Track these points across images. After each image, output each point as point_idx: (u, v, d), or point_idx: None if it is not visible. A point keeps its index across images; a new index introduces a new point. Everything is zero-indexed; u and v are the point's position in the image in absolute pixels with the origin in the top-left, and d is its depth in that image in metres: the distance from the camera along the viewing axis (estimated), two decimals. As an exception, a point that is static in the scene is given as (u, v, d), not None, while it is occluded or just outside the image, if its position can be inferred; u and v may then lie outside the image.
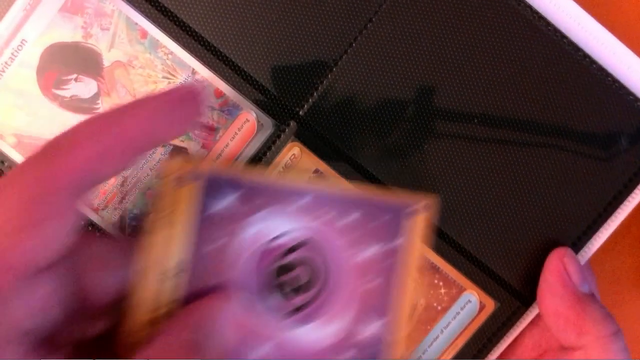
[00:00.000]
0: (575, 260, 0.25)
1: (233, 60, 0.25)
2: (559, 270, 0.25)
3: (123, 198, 0.26)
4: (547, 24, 0.25)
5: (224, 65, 0.25)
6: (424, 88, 0.25)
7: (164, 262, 0.23)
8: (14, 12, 0.25)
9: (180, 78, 0.25)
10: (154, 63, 0.25)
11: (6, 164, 0.26)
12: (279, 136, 0.26)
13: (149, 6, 0.25)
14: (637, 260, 0.29)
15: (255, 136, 0.26)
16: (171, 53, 0.25)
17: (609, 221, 0.26)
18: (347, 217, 0.24)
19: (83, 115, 0.26)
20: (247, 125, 0.26)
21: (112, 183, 0.26)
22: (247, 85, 0.25)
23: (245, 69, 0.25)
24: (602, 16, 0.25)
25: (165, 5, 0.25)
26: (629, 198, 0.26)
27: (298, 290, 0.24)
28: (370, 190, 0.25)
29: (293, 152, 0.26)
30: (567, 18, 0.25)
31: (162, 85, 0.26)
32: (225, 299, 0.23)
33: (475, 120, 0.25)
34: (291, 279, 0.24)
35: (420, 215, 0.24)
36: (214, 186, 0.24)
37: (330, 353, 0.24)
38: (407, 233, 0.24)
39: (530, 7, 0.25)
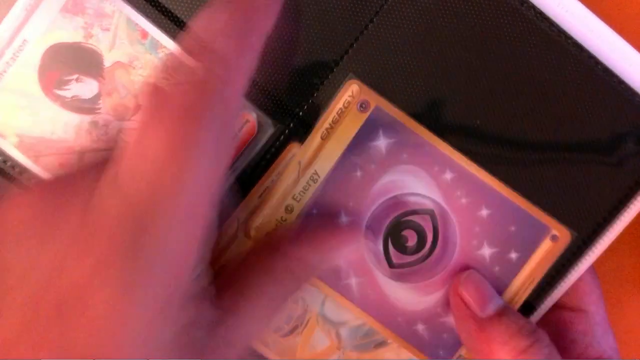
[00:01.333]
0: (472, 283, 0.25)
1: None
2: (457, 303, 0.25)
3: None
4: (550, 24, 0.24)
5: (224, 66, 0.25)
6: (425, 90, 0.25)
7: (305, 167, 0.25)
8: (15, 13, 0.25)
9: (181, 78, 0.25)
10: (154, 63, 0.25)
11: (8, 163, 0.26)
12: (279, 137, 0.26)
13: (150, 7, 0.25)
14: (637, 260, 0.29)
15: (256, 137, 0.26)
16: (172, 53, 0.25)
17: (616, 221, 0.26)
18: (479, 210, 0.25)
19: (84, 116, 0.26)
20: (247, 125, 0.26)
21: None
22: (247, 85, 0.25)
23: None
24: (608, 16, 0.25)
25: (166, 5, 0.25)
26: (637, 199, 0.25)
27: (404, 250, 0.25)
28: (516, 196, 0.25)
29: (293, 152, 0.26)
30: (571, 18, 0.25)
31: (163, 86, 0.25)
32: (354, 237, 0.25)
33: (478, 122, 0.25)
34: (404, 237, 0.25)
35: (549, 243, 0.25)
36: (374, 124, 0.25)
37: (406, 316, 0.26)
38: (529, 252, 0.25)
39: (533, 8, 0.24)
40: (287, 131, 0.26)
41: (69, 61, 0.25)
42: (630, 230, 0.26)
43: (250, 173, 0.26)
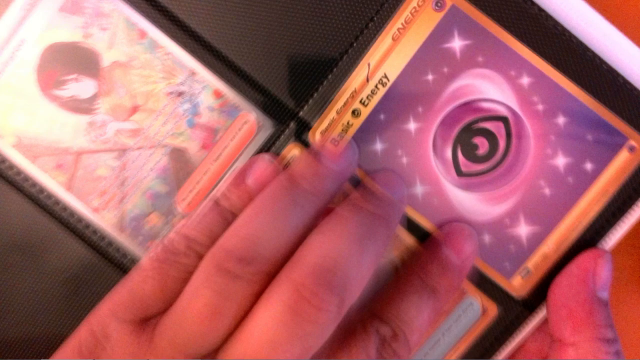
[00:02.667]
0: (608, 266, 0.24)
1: (232, 60, 0.25)
2: (587, 268, 0.24)
3: (123, 198, 0.26)
4: (555, 23, 0.24)
5: (223, 66, 0.25)
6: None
7: (374, 69, 0.24)
8: (14, 12, 0.25)
9: (180, 78, 0.25)
10: (153, 63, 0.25)
11: (6, 163, 0.26)
12: (279, 137, 0.26)
13: (148, 6, 0.25)
14: (637, 260, 0.28)
15: (255, 137, 0.26)
16: (170, 53, 0.25)
17: (619, 223, 0.25)
18: (556, 117, 0.24)
19: (82, 116, 0.26)
20: (246, 126, 0.26)
21: (112, 183, 0.26)
22: (247, 85, 0.25)
23: (244, 70, 0.25)
24: (612, 15, 0.25)
25: (165, 5, 0.25)
26: (631, 213, 0.25)
27: (474, 158, 0.25)
28: (595, 103, 0.24)
29: (293, 153, 0.26)
30: (576, 17, 0.24)
31: (162, 86, 0.25)
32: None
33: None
34: (474, 145, 0.24)
35: (626, 154, 0.24)
36: (449, 24, 0.24)
37: (473, 227, 0.25)
38: (605, 163, 0.24)
39: (538, 6, 0.24)
40: (286, 131, 0.26)
41: (67, 61, 0.25)
42: (629, 230, 0.25)
43: (250, 173, 0.26)
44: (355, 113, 0.25)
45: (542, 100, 0.24)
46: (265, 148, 0.26)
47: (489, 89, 0.24)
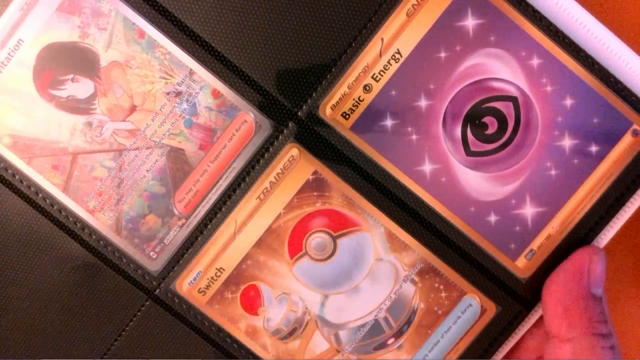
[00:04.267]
0: (602, 263, 0.25)
1: (231, 60, 0.25)
2: (582, 264, 0.24)
3: (119, 200, 0.26)
4: (549, 24, 0.25)
5: (222, 66, 0.25)
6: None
7: (387, 44, 0.24)
8: (11, 12, 0.25)
9: (178, 78, 0.25)
10: (151, 63, 0.25)
11: (2, 164, 0.25)
12: (277, 137, 0.26)
13: (147, 6, 0.25)
14: (637, 260, 0.28)
15: (254, 137, 0.26)
16: (169, 53, 0.25)
17: (614, 219, 0.26)
18: (564, 99, 0.24)
19: (79, 116, 0.25)
20: (245, 126, 0.26)
21: (109, 184, 0.26)
22: (245, 85, 0.25)
23: (243, 70, 0.25)
24: (604, 16, 0.25)
25: (163, 5, 0.25)
26: (634, 197, 0.25)
27: (483, 138, 0.25)
28: (602, 87, 0.24)
29: (292, 153, 0.25)
30: (568, 18, 0.25)
31: (160, 86, 0.25)
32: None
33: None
34: (484, 124, 0.25)
35: (630, 137, 0.24)
36: (463, 2, 0.24)
37: (479, 206, 0.25)
38: (610, 146, 0.24)
39: (532, 7, 0.24)
40: (285, 131, 0.25)
41: (65, 61, 0.25)
42: (629, 230, 0.26)
43: (247, 173, 0.26)
44: (367, 88, 0.25)
45: (551, 82, 0.24)
46: (264, 148, 0.26)
47: (500, 68, 0.24)
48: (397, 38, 0.25)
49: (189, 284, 0.26)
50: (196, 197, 0.26)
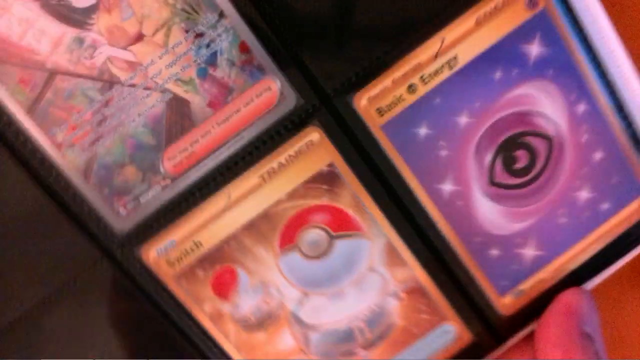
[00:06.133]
0: (588, 301, 0.25)
1: (272, 15, 0.21)
2: (572, 305, 0.25)
3: (96, 140, 0.21)
4: (606, 74, 0.23)
5: (260, 18, 0.21)
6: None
7: (446, 47, 0.22)
8: None
9: (204, 17, 0.21)
10: (177, -10, 0.20)
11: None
12: (300, 115, 0.22)
13: None
14: (637, 260, 0.29)
15: (274, 109, 0.22)
16: (202, -16, 0.20)
17: (602, 273, 0.26)
18: (595, 151, 0.24)
19: (69, 28, 0.20)
20: (267, 93, 0.22)
21: (87, 119, 0.21)
22: (281, 48, 0.21)
23: (283, 30, 0.21)
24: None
25: None
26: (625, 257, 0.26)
27: (511, 170, 0.24)
28: (629, 149, 0.24)
29: (311, 137, 0.22)
30: (622, 75, 0.24)
31: (179, 19, 0.21)
32: None
33: None
34: (515, 157, 0.23)
35: (638, 203, 0.24)
36: (535, 25, 0.22)
37: (486, 238, 0.24)
38: (620, 207, 0.24)
39: (597, 56, 0.23)
40: (310, 110, 0.22)
41: (69, -45, 0.20)
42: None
43: (256, 148, 0.22)
44: (412, 88, 0.22)
45: (589, 131, 0.24)
46: (282, 124, 0.22)
47: (547, 105, 0.23)
48: (459, 43, 0.22)
49: (158, 252, 0.23)
50: (190, 158, 0.22)
